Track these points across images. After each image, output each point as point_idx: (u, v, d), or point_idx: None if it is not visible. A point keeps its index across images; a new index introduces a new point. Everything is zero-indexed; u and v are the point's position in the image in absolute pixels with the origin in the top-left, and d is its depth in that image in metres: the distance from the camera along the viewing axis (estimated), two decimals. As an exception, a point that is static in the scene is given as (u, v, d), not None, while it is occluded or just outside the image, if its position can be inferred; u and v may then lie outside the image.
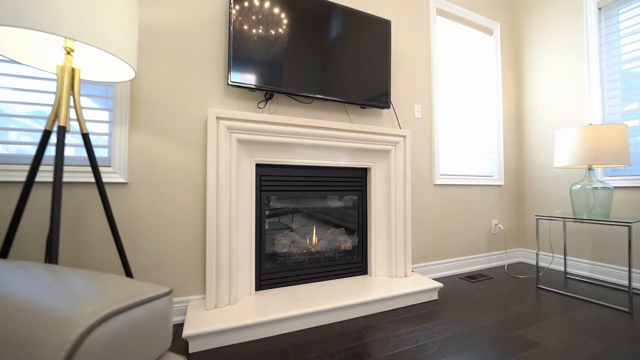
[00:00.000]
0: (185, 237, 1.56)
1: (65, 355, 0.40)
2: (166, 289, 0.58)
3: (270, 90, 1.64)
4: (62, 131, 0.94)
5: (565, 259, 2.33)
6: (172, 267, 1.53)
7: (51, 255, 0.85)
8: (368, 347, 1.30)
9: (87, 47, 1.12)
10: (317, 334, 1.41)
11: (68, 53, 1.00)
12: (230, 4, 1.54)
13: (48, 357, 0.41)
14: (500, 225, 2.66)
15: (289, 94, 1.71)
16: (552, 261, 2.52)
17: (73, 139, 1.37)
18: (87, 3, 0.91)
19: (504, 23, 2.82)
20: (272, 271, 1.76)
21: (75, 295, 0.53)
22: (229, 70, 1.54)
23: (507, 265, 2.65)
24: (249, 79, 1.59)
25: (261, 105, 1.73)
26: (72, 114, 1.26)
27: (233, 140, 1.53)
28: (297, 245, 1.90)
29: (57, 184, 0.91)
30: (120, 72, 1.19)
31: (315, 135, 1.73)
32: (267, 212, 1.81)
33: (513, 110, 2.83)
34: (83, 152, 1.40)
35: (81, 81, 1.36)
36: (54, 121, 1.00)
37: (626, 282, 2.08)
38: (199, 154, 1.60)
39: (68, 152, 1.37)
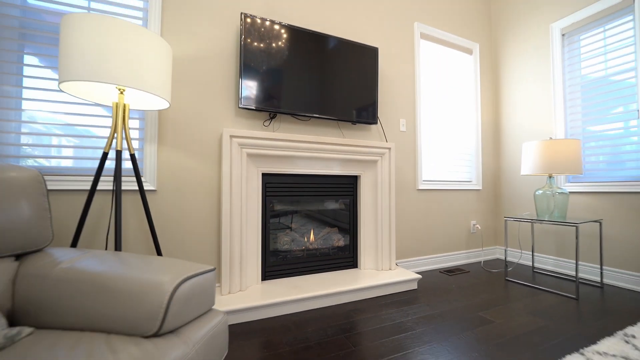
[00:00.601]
0: (203, 235, 1.86)
1: (167, 299, 0.71)
2: (212, 267, 0.89)
3: (273, 111, 1.94)
4: (119, 153, 1.24)
5: (533, 255, 2.65)
6: (191, 259, 1.83)
7: (116, 244, 1.15)
8: (354, 324, 1.61)
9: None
10: (313, 314, 1.72)
11: (121, 92, 1.29)
12: (240, 40, 1.84)
13: (157, 302, 0.71)
14: (478, 225, 2.97)
15: (290, 114, 2.01)
16: (520, 257, 2.84)
17: (112, 155, 1.67)
18: (135, 59, 1.21)
19: (482, 43, 3.14)
20: (275, 264, 2.07)
21: (152, 269, 0.83)
22: (239, 95, 1.84)
23: (484, 261, 2.96)
24: (256, 102, 1.89)
25: (266, 123, 2.04)
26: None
27: (244, 154, 1.84)
28: (297, 243, 2.21)
29: (118, 192, 1.21)
30: (157, 103, 1.49)
31: (312, 149, 2.03)
32: (270, 214, 2.11)
33: (490, 123, 3.15)
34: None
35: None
36: (110, 145, 1.30)
37: (580, 275, 2.40)
38: (214, 164, 1.90)
39: (108, 165, 1.67)
